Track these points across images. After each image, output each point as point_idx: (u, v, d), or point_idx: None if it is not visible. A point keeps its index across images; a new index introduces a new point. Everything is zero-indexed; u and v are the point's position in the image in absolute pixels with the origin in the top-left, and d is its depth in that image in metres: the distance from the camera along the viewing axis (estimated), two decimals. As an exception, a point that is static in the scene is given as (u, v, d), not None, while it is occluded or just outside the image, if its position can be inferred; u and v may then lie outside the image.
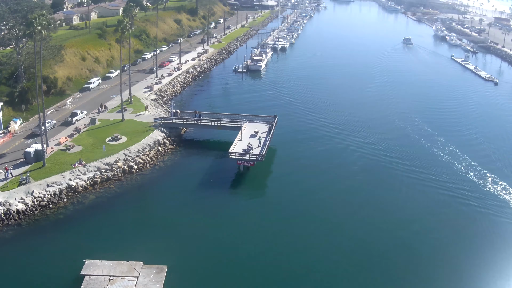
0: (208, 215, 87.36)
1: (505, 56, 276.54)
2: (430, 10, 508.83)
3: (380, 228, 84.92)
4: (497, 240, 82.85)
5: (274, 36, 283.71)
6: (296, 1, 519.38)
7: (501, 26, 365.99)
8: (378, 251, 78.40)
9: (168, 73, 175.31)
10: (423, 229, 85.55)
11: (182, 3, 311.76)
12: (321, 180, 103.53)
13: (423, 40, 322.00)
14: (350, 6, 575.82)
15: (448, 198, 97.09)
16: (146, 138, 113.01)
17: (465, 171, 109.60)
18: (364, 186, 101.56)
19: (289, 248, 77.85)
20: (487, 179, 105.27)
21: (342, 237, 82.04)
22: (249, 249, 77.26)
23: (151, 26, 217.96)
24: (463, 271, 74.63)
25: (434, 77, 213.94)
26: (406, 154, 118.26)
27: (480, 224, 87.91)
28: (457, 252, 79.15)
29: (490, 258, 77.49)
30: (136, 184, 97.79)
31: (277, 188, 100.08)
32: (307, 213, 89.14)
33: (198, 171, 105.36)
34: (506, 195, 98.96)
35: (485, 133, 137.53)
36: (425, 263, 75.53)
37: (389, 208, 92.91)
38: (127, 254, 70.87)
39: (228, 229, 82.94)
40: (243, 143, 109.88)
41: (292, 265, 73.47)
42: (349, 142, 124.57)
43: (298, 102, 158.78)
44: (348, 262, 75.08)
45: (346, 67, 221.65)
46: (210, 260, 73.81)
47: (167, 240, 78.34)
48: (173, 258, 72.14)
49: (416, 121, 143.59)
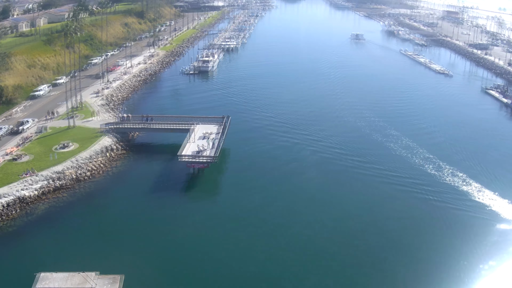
0: (162, 220, 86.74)
1: (457, 49, 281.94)
2: (380, 6, 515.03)
3: (328, 225, 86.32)
4: (455, 230, 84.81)
5: (223, 37, 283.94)
6: (245, 1, 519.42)
7: (451, 20, 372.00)
8: (326, 248, 79.31)
9: (117, 77, 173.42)
10: (373, 222, 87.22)
11: (130, 7, 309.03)
12: (274, 178, 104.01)
13: (373, 36, 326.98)
14: (300, 5, 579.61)
15: (400, 190, 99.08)
16: (96, 144, 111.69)
17: (419, 163, 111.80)
18: (314, 182, 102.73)
19: (245, 250, 78.00)
20: (441, 170, 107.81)
21: (292, 236, 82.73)
22: (205, 253, 76.89)
23: (99, 30, 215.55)
24: (418, 261, 76.24)
25: (385, 72, 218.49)
26: (359, 149, 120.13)
27: (436, 215, 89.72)
28: (410, 242, 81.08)
29: (447, 249, 79.17)
30: (88, 192, 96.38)
31: (230, 190, 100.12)
32: (262, 213, 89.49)
33: (150, 176, 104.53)
34: (453, 182, 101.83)
35: (441, 126, 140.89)
36: (376, 257, 76.97)
37: (338, 203, 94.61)
38: (81, 265, 69.16)
39: (183, 234, 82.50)
40: (194, 145, 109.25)
41: (248, 266, 73.84)
42: (300, 139, 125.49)
43: (249, 101, 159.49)
44: (298, 261, 75.84)
45: (295, 65, 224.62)
46: (167, 267, 73.50)
47: (122, 249, 77.44)
48: (128, 266, 70.92)
49: (368, 115, 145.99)
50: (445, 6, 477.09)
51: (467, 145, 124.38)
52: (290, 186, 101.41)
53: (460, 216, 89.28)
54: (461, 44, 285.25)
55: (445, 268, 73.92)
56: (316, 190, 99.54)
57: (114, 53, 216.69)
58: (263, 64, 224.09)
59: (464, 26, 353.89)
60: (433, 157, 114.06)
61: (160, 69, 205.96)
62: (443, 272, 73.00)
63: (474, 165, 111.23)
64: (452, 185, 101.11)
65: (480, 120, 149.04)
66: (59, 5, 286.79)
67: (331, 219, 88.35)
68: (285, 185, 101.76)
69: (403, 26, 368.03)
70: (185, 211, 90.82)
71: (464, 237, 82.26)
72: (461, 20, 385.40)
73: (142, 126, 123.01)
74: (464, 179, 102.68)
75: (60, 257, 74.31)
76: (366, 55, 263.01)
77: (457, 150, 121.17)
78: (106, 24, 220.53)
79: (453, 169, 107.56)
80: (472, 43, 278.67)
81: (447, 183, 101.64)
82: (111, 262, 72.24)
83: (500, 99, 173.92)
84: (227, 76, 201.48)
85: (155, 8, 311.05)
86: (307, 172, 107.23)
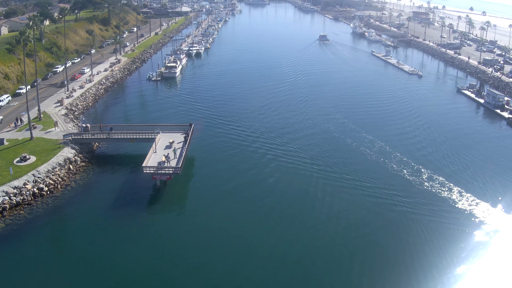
0: (125, 237, 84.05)
1: (427, 49, 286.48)
2: (347, 8, 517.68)
3: (296, 230, 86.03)
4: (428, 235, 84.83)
5: (188, 42, 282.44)
6: (210, 7, 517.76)
7: (420, 20, 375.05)
8: (295, 253, 79.12)
9: (80, 85, 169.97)
10: (342, 229, 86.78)
11: (95, 13, 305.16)
12: (240, 187, 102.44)
13: (342, 37, 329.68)
14: (266, 9, 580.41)
15: (369, 195, 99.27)
16: (56, 157, 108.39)
17: (393, 165, 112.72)
18: (279, 188, 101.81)
19: (211, 265, 75.94)
20: (416, 172, 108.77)
21: (259, 243, 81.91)
22: (171, 270, 74.85)
23: (62, 38, 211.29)
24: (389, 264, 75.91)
25: (355, 74, 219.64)
26: (325, 152, 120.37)
27: (412, 222, 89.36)
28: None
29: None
30: (48, 208, 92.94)
31: (195, 201, 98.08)
32: (228, 224, 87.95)
33: (112, 189, 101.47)
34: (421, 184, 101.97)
35: (417, 127, 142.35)
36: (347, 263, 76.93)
37: (305, 208, 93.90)
38: (39, 284, 67.37)
39: (147, 250, 79.96)
40: (158, 155, 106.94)
41: (215, 280, 71.93)
42: (265, 147, 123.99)
43: (214, 108, 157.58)
44: (268, 268, 75.21)
45: (261, 69, 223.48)
46: (129, 284, 71.11)
47: (84, 269, 74.70)
48: (88, 285, 69.35)
49: (338, 117, 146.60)
50: (413, 7, 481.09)
51: (444, 146, 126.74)
52: (256, 191, 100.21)
53: (435, 221, 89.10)
54: (431, 44, 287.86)
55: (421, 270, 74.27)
56: (281, 196, 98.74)
57: (77, 60, 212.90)
58: (227, 70, 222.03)
59: (434, 26, 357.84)
60: (407, 159, 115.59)
61: (124, 76, 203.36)
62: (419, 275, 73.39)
63: (451, 165, 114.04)
64: (425, 187, 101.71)
65: (456, 120, 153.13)
66: (22, 13, 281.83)
67: (299, 223, 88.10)
68: (251, 190, 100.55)
69: (372, 27, 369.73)
70: (149, 227, 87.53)
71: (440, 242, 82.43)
72: (431, 21, 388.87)
73: (104, 137, 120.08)
74: (441, 182, 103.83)
75: (19, 279, 71.69)
76: (336, 58, 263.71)
77: (433, 150, 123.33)
78: (70, 32, 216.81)
79: (429, 171, 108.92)
80: (442, 43, 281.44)
81: (420, 187, 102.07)
82: (71, 283, 70.24)
83: (474, 99, 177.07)
84: (192, 82, 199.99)
85: (119, 15, 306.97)
86: (271, 177, 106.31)
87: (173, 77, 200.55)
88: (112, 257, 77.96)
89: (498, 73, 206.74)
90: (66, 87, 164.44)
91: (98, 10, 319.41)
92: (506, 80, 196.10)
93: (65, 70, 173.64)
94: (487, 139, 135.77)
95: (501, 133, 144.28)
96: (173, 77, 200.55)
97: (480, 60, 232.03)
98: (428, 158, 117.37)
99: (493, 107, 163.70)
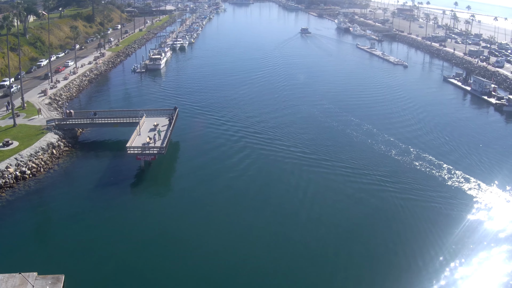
0: (108, 217, 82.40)
1: (412, 42, 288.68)
2: (331, 6, 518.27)
3: (278, 211, 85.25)
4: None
5: (173, 37, 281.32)
6: (194, 6, 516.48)
7: (404, 16, 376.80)
8: (279, 232, 78.12)
9: (64, 77, 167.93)
10: (319, 218, 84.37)
11: (79, 11, 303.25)
12: (222, 170, 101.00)
13: (326, 32, 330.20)
14: (250, 8, 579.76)
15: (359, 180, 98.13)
16: (39, 142, 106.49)
17: (382, 149, 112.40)
18: (261, 170, 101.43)
19: (194, 246, 74.27)
20: (405, 154, 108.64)
21: (245, 224, 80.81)
22: (152, 250, 72.97)
23: (46, 34, 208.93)
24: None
25: (339, 64, 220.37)
26: (299, 134, 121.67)
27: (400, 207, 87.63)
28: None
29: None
30: (30, 191, 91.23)
31: (180, 182, 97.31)
32: (211, 205, 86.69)
33: (96, 171, 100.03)
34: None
35: (406, 114, 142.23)
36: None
37: (287, 189, 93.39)
38: (20, 266, 64.94)
39: (130, 231, 78.35)
40: (142, 137, 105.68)
41: (199, 263, 69.89)
42: (246, 132, 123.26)
43: (198, 98, 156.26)
44: (254, 249, 73.78)
45: (244, 62, 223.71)
46: (111, 266, 69.06)
47: (64, 248, 73.05)
48: (70, 266, 67.15)
49: (323, 104, 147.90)
50: (397, 5, 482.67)
51: (436, 130, 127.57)
52: (239, 173, 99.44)
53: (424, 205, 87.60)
54: (416, 37, 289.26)
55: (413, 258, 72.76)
56: (261, 176, 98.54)
57: (62, 55, 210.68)
58: (211, 63, 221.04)
59: (418, 22, 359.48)
60: (399, 142, 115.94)
61: (109, 69, 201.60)
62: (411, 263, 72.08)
63: (444, 145, 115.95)
64: (414, 168, 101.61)
65: (444, 106, 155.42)
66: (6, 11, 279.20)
67: (283, 203, 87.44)
68: (234, 172, 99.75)
69: (357, 23, 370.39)
70: (133, 208, 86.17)
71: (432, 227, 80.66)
72: (416, 18, 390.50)
73: (87, 122, 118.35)
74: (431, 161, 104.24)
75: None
76: (320, 50, 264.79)
77: (424, 133, 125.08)
78: (54, 28, 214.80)
79: (418, 153, 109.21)
80: (427, 36, 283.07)
81: (409, 169, 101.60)
82: (51, 262, 68.52)
83: (461, 87, 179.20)
84: (176, 74, 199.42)
85: (103, 12, 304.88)
86: (255, 160, 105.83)
87: (157, 68, 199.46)
88: (96, 237, 75.95)
89: (484, 63, 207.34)
90: (50, 79, 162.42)
91: (82, 8, 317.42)
92: (492, 69, 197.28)
93: (49, 63, 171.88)
94: (477, 124, 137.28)
95: (489, 118, 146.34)
96: (157, 68, 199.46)
97: (466, 52, 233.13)
98: (421, 140, 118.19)
99: (480, 93, 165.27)
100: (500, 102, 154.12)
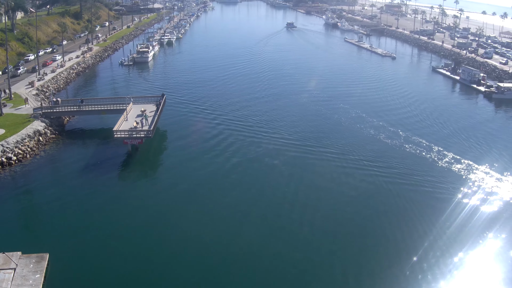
0: (94, 200, 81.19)
1: (400, 36, 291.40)
2: (319, 4, 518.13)
3: (268, 192, 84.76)
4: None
5: (161, 32, 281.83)
6: (182, 4, 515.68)
7: (392, 12, 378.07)
8: (268, 216, 76.97)
9: (52, 70, 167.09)
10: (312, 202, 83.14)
11: (67, 8, 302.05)
12: (209, 155, 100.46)
13: (314, 27, 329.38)
14: (238, 7, 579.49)
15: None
16: (26, 129, 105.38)
17: (376, 136, 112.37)
18: (249, 155, 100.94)
19: (181, 228, 73.14)
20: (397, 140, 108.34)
21: (229, 207, 79.53)
22: (137, 232, 71.90)
23: (34, 30, 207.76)
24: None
25: (327, 57, 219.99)
26: (291, 126, 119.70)
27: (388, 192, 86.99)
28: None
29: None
30: (15, 176, 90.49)
31: (167, 167, 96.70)
32: (199, 188, 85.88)
33: (83, 157, 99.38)
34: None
35: (397, 103, 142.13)
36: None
37: (276, 173, 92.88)
38: (3, 246, 64.34)
39: (115, 212, 77.51)
40: (129, 122, 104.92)
41: (184, 246, 68.57)
42: (238, 120, 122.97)
43: (185, 91, 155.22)
44: (234, 228, 73.47)
45: (230, 57, 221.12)
46: (95, 245, 67.81)
47: (48, 228, 72.64)
48: (54, 245, 66.25)
49: (313, 94, 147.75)
50: (385, 2, 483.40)
51: (430, 117, 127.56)
52: (225, 159, 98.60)
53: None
54: (405, 31, 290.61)
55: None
56: (252, 160, 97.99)
57: (49, 50, 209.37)
58: (198, 58, 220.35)
59: (406, 18, 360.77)
60: (393, 128, 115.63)
61: (96, 62, 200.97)
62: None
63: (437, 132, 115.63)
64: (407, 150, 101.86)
65: (433, 94, 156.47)
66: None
67: (273, 187, 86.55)
68: (221, 158, 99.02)
69: (345, 19, 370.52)
70: (118, 190, 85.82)
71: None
72: (404, 13, 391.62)
73: (74, 109, 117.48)
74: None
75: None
76: (307, 44, 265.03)
77: (418, 120, 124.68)
78: (42, 24, 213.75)
79: (413, 138, 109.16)
80: (416, 30, 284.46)
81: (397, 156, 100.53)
82: (35, 242, 68.21)
83: (450, 76, 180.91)
84: (163, 67, 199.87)
85: (91, 10, 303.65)
86: (244, 147, 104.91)
87: (145, 61, 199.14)
88: (82, 219, 74.84)
89: (473, 55, 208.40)
90: (38, 72, 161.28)
91: (70, 5, 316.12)
92: (481, 60, 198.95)
93: (37, 56, 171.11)
94: (468, 110, 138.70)
95: (479, 104, 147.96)
96: (145, 61, 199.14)
97: (454, 44, 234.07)
98: (414, 127, 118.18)
99: (469, 82, 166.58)
100: (489, 90, 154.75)
